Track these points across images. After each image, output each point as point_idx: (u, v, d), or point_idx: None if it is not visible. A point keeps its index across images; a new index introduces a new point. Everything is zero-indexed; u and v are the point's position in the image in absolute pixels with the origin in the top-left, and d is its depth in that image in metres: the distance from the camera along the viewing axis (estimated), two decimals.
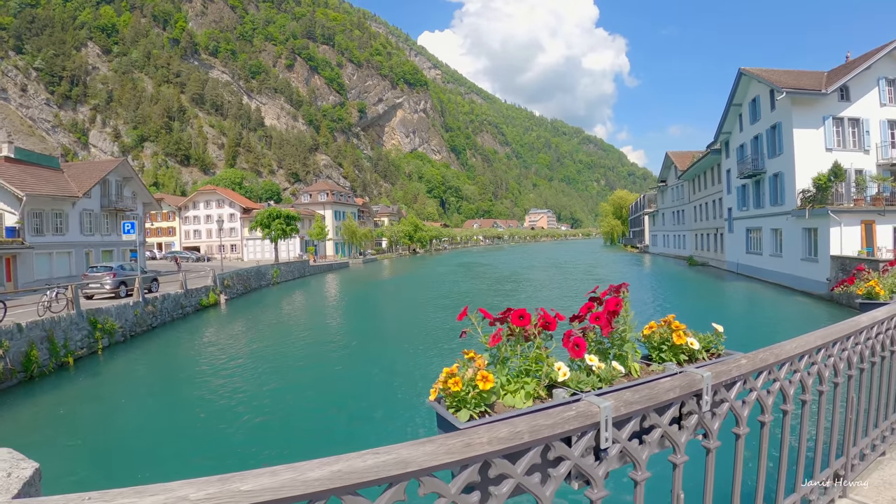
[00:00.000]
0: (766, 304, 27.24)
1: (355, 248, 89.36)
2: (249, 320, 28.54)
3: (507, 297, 33.98)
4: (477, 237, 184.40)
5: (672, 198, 71.04)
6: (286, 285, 48.28)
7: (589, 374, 1.89)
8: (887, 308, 3.68)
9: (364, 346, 19.95)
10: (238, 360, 17.80)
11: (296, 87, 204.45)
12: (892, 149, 29.69)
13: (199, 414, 12.27)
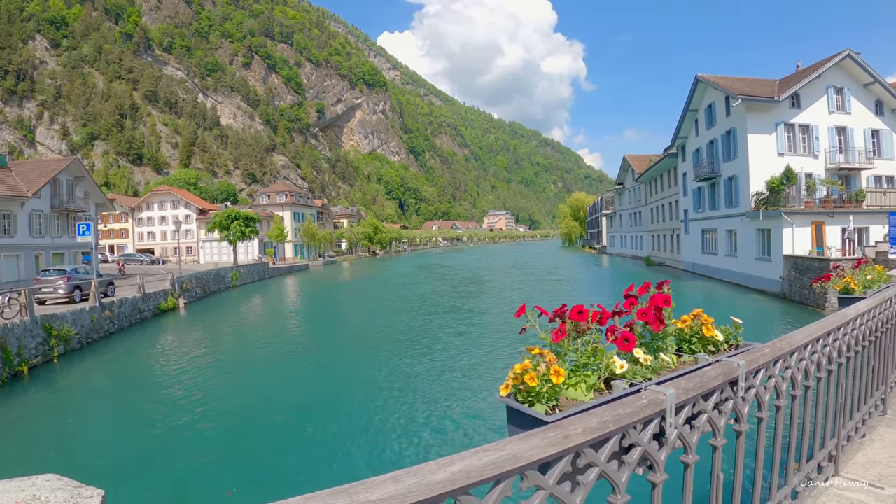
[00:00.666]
0: (724, 302, 28.26)
1: (315, 250, 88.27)
2: (210, 326, 27.74)
3: (471, 299, 33.95)
4: (436, 239, 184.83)
5: (629, 200, 72.80)
6: (246, 288, 47.35)
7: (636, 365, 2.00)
8: (867, 301, 3.95)
9: (329, 353, 19.36)
10: (200, 368, 17.15)
11: (253, 85, 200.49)
12: (840, 154, 31.31)
13: (159, 428, 11.72)
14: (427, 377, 14.91)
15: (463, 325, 23.54)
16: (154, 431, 11.51)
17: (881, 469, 3.31)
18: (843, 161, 31.14)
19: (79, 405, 14.23)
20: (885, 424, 4.06)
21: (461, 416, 11.77)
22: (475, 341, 19.67)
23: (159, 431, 11.49)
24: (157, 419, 12.28)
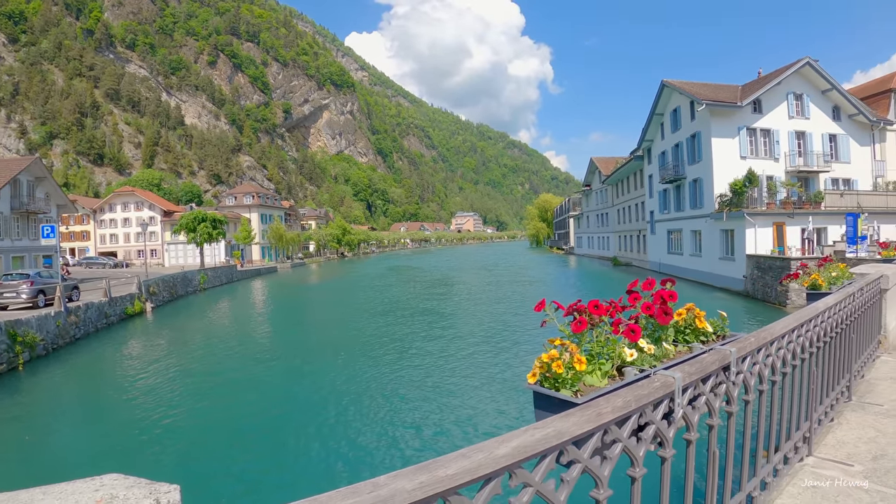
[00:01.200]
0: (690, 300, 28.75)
1: (283, 253, 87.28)
2: (178, 331, 26.99)
3: (443, 301, 33.88)
4: (404, 240, 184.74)
5: (596, 201, 74.03)
6: (214, 292, 46.60)
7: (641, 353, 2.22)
8: (833, 296, 4.28)
9: (301, 359, 18.96)
10: (169, 376, 16.60)
11: (218, 84, 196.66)
12: (799, 157, 32.63)
13: (126, 439, 11.38)
14: (405, 383, 14.73)
15: (437, 328, 23.32)
16: (121, 443, 11.23)
17: (850, 449, 3.62)
18: (802, 164, 32.44)
19: (45, 414, 13.71)
20: (851, 409, 4.40)
21: (441, 421, 11.72)
22: (450, 345, 19.42)
23: (126, 443, 11.20)
24: (125, 430, 11.94)
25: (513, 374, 14.83)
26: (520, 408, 11.86)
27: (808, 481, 3.18)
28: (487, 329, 22.52)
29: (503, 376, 14.70)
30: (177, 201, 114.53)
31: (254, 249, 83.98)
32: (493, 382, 14.23)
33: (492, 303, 31.49)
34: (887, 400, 4.66)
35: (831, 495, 3.00)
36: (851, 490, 3.06)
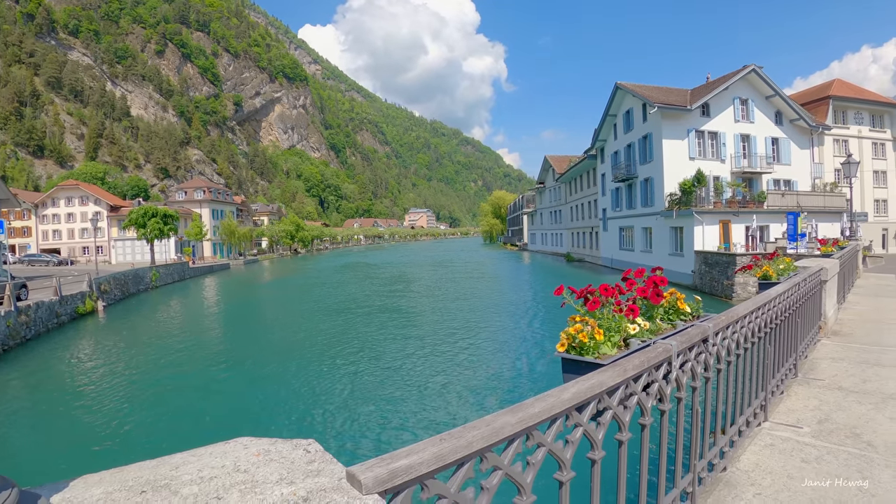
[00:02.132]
0: None
1: (235, 249, 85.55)
2: (132, 331, 25.81)
3: (403, 298, 33.54)
4: (358, 237, 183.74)
5: (550, 199, 75.61)
6: (166, 289, 45.45)
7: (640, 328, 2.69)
8: (783, 285, 4.90)
9: (261, 361, 18.10)
10: (125, 381, 15.76)
11: (166, 75, 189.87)
12: (744, 159, 34.49)
13: (82, 447, 10.94)
14: (367, 385, 14.41)
15: (396, 327, 23.16)
16: (76, 452, 10.78)
17: (798, 415, 4.23)
18: (746, 165, 34.30)
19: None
20: (798, 384, 5.05)
21: (404, 420, 11.77)
22: (413, 344, 19.36)
23: (82, 452, 10.74)
24: (82, 437, 11.47)
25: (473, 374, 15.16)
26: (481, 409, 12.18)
27: (766, 440, 3.75)
28: (452, 326, 22.63)
29: (462, 377, 14.82)
30: (122, 196, 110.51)
31: (205, 246, 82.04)
32: (454, 384, 14.41)
33: (450, 300, 31.56)
34: (827, 376, 5.34)
35: (786, 451, 3.56)
36: (802, 447, 3.63)
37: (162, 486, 1.23)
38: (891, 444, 3.65)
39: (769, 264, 5.77)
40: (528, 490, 1.54)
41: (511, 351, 17.85)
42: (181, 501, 1.13)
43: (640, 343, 2.51)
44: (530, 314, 25.17)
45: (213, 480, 1.21)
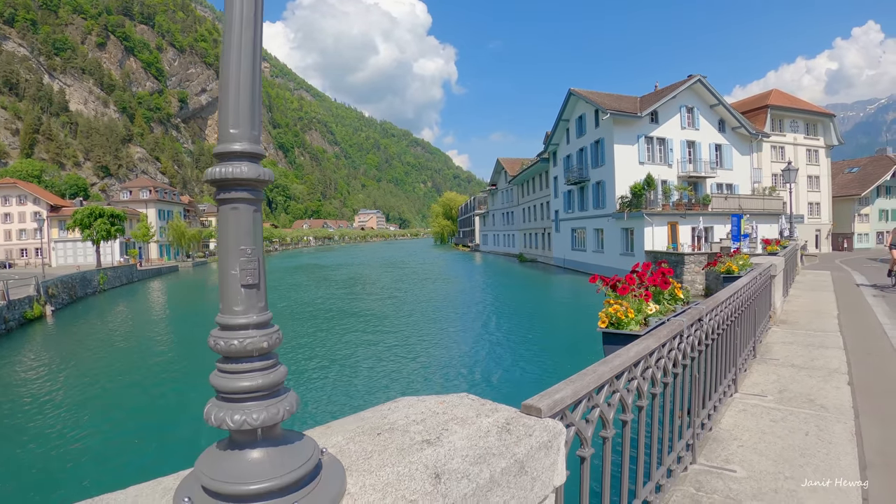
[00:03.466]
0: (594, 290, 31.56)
1: (182, 251, 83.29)
2: (85, 338, 24.14)
3: (365, 301, 32.56)
4: (308, 238, 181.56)
5: (502, 200, 76.95)
6: (115, 293, 44.03)
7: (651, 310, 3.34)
8: (746, 277, 5.71)
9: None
10: (84, 394, 14.86)
11: (108, 69, 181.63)
12: (689, 164, 36.41)
13: (32, 464, 10.48)
14: (340, 398, 13.76)
15: (370, 332, 22.53)
16: (24, 471, 10.32)
17: (762, 387, 5.01)
18: (692, 170, 36.26)
19: None
20: (757, 363, 5.87)
21: None
22: (388, 351, 18.85)
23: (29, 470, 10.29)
24: (33, 454, 11.07)
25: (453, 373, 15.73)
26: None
27: (740, 407, 4.49)
28: (427, 332, 22.20)
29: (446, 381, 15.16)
30: (61, 195, 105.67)
31: (151, 247, 79.57)
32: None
33: (418, 303, 31.24)
34: (781, 356, 6.19)
35: (756, 414, 4.31)
36: (769, 410, 4.38)
37: (388, 429, 1.55)
38: (838, 406, 4.46)
39: (731, 261, 6.61)
40: (610, 425, 2.12)
41: (490, 352, 18.16)
42: (416, 436, 1.50)
43: (657, 321, 3.16)
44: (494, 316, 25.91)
45: (427, 420, 1.64)
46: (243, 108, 1.04)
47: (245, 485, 0.95)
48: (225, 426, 0.99)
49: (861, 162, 56.69)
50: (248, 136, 1.05)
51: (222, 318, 1.04)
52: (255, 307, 1.06)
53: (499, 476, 1.23)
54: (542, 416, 1.59)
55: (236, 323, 1.02)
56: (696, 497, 3.04)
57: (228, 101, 1.04)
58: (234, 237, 1.03)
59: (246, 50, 1.05)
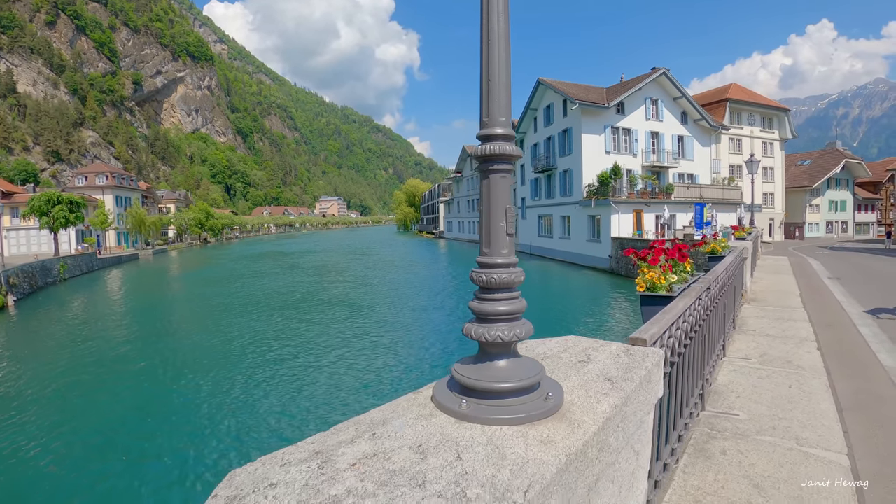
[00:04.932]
0: (563, 276, 32.79)
1: (141, 239, 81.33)
2: (51, 330, 23.14)
3: (338, 289, 31.88)
4: (268, 225, 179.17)
5: (468, 187, 77.64)
6: (76, 282, 42.95)
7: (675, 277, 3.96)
8: (729, 256, 6.44)
9: (206, 364, 16.29)
10: (56, 390, 14.32)
11: (58, 48, 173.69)
12: (653, 154, 37.70)
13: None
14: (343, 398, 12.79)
15: (355, 324, 21.64)
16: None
17: (745, 352, 5.74)
18: (655, 160, 37.59)
19: None
20: (737, 333, 6.63)
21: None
22: (368, 336, 18.68)
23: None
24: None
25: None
26: None
27: (730, 368, 5.18)
28: (407, 320, 22.17)
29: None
30: (10, 181, 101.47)
31: (109, 235, 77.39)
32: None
33: (396, 290, 31.05)
34: (757, 328, 6.98)
35: (745, 373, 5.00)
36: (755, 369, 5.09)
37: (549, 355, 2.02)
38: (812, 366, 5.20)
39: (715, 242, 7.39)
40: (675, 356, 2.72)
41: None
42: (572, 359, 1.99)
43: (679, 287, 3.77)
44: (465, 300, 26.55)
45: (569, 350, 2.14)
46: (503, 103, 1.50)
47: (498, 383, 1.42)
48: (483, 339, 1.47)
49: (813, 155, 59.53)
50: (507, 124, 1.52)
51: (488, 259, 1.52)
52: (511, 251, 1.55)
53: (639, 382, 1.77)
54: (646, 345, 2.15)
55: (500, 262, 1.51)
56: (712, 434, 3.68)
57: (492, 97, 1.48)
58: (502, 198, 1.51)
59: (503, 57, 1.51)
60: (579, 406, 1.46)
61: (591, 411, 1.42)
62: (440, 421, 1.33)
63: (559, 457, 1.15)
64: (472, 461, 1.09)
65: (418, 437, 1.22)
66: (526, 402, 1.38)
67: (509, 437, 1.23)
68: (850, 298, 9.97)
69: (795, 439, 3.61)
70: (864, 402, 4.37)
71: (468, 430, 1.27)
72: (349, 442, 1.19)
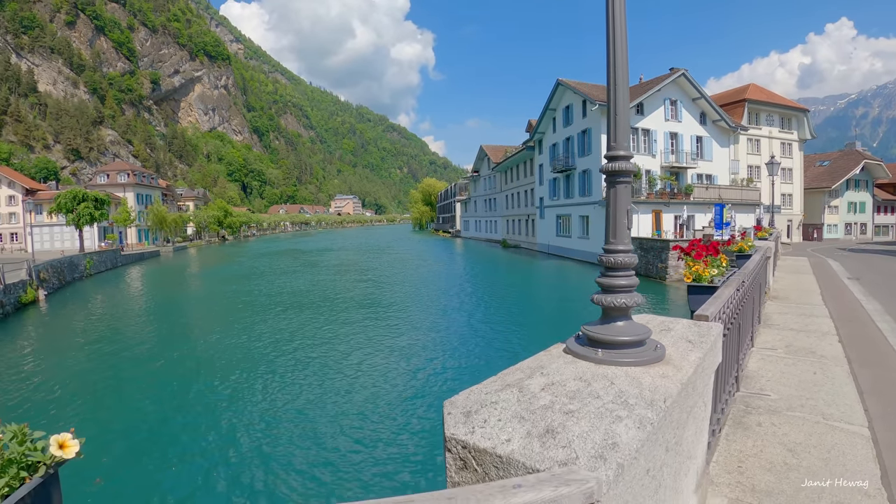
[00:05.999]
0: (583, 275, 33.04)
1: (161, 236, 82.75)
2: (81, 323, 23.37)
3: (367, 288, 31.05)
4: (284, 223, 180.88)
5: (485, 187, 78.01)
6: (101, 278, 43.92)
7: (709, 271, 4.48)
8: (757, 255, 6.91)
9: (239, 362, 15.83)
10: (102, 388, 14.22)
11: (77, 48, 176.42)
12: (672, 154, 37.93)
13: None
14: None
15: (392, 323, 20.98)
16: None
17: (772, 343, 6.23)
18: (674, 161, 37.84)
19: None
20: (763, 328, 7.11)
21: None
22: (419, 343, 17.48)
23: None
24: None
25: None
26: None
27: (759, 357, 5.68)
28: (445, 323, 21.04)
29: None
30: (31, 178, 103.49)
31: (130, 232, 78.84)
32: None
33: (421, 290, 30.30)
34: (780, 323, 7.45)
35: (773, 360, 5.50)
36: (782, 358, 5.58)
37: None
38: (834, 356, 5.68)
39: (742, 241, 7.87)
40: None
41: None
42: (655, 328, 2.47)
43: (720, 279, 4.28)
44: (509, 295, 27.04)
45: (649, 323, 2.69)
46: (625, 135, 2.10)
47: (622, 337, 1.98)
48: (610, 305, 2.05)
49: (832, 156, 59.27)
50: (627, 148, 2.09)
51: (613, 246, 2.14)
52: (629, 241, 2.15)
53: (710, 346, 2.30)
54: (709, 320, 2.68)
55: (622, 249, 2.11)
56: (747, 410, 4.19)
57: (618, 124, 2.09)
58: (624, 202, 2.12)
59: (625, 102, 2.08)
60: (675, 356, 2.01)
61: (685, 360, 1.97)
62: (583, 364, 1.89)
63: (676, 384, 1.70)
64: (621, 385, 1.65)
65: (576, 373, 1.77)
66: (642, 351, 1.93)
67: (638, 373, 1.78)
68: (870, 297, 10.38)
69: (822, 415, 4.11)
70: (883, 387, 4.85)
71: (608, 369, 1.82)
72: (526, 378, 1.73)
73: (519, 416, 1.39)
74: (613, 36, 2.06)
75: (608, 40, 2.08)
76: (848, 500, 2.92)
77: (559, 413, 1.39)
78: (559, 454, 1.18)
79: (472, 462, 1.28)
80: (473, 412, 1.45)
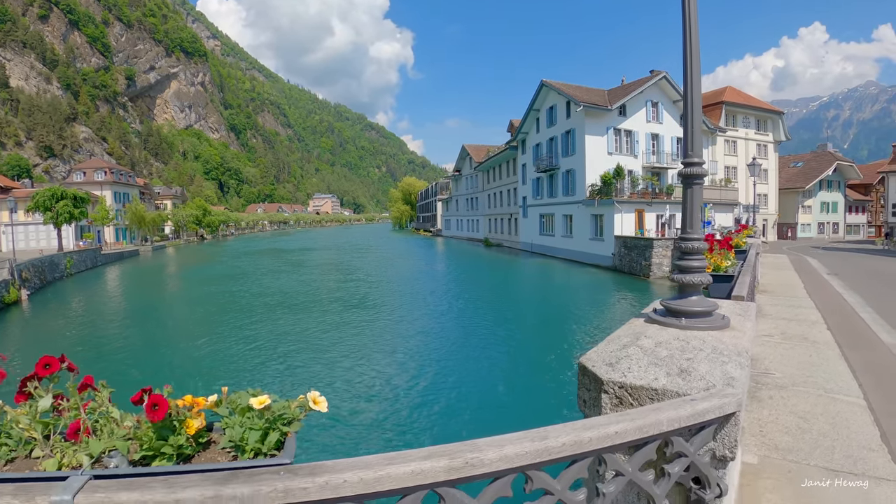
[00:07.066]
0: (567, 273, 33.81)
1: (139, 235, 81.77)
2: (66, 324, 22.82)
3: (351, 289, 30.61)
4: (263, 222, 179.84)
5: (467, 186, 78.52)
6: (82, 277, 43.41)
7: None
8: (752, 251, 7.49)
9: (232, 367, 15.35)
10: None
11: (51, 43, 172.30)
12: (653, 155, 38.90)
13: None
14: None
15: (383, 322, 20.92)
16: None
17: (767, 331, 6.79)
18: (655, 161, 38.80)
19: None
20: (758, 317, 7.70)
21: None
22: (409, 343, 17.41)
23: None
24: None
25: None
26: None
27: (758, 343, 6.24)
28: (439, 324, 20.75)
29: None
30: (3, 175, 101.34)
31: (108, 231, 77.74)
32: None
33: (409, 287, 30.29)
34: (773, 313, 8.05)
35: (771, 346, 6.07)
36: (779, 343, 6.16)
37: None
38: (826, 341, 6.28)
39: (738, 237, 8.50)
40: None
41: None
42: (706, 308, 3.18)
43: (733, 270, 4.82)
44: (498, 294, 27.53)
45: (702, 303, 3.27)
46: (698, 141, 2.58)
47: (698, 308, 2.49)
48: (686, 282, 2.54)
49: (805, 157, 61.18)
50: (701, 155, 2.58)
51: (689, 235, 2.63)
52: (700, 231, 2.63)
53: (753, 317, 2.80)
54: (744, 300, 3.20)
55: (695, 237, 2.61)
56: (757, 386, 4.73)
57: (694, 139, 2.59)
58: (699, 199, 2.61)
59: (698, 117, 2.58)
60: (736, 324, 2.51)
61: (744, 326, 2.48)
62: (672, 330, 2.38)
63: (746, 342, 2.19)
64: (712, 343, 2.14)
65: (672, 335, 2.26)
66: (714, 320, 2.43)
67: (716, 335, 2.27)
68: (850, 291, 11.14)
69: (823, 389, 4.68)
70: (872, 367, 5.45)
71: (693, 333, 2.31)
72: (633, 343, 2.21)
73: (653, 363, 1.86)
74: (691, 69, 2.54)
75: (685, 71, 2.57)
76: (856, 454, 3.47)
77: (682, 360, 1.87)
78: (699, 384, 1.67)
79: (627, 398, 1.74)
80: (615, 363, 1.92)
